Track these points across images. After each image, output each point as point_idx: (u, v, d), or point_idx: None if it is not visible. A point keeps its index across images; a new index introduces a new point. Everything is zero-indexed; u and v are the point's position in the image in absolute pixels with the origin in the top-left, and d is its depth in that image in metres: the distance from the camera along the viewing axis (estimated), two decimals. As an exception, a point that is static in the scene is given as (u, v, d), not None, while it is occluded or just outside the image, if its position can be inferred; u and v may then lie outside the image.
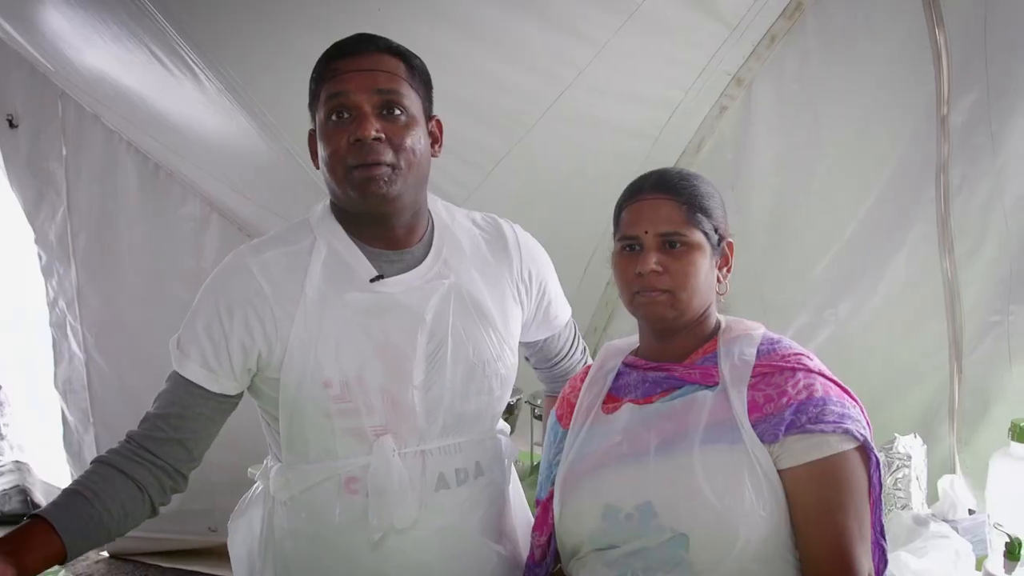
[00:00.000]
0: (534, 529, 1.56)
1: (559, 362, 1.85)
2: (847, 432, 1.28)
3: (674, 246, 1.38)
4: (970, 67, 2.27)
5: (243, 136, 2.88)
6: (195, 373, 1.46)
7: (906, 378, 2.45)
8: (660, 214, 1.39)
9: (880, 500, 1.33)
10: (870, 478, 1.30)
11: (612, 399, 1.49)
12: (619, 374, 1.51)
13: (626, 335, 1.60)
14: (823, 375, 1.35)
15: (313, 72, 1.50)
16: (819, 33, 2.58)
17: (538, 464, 2.90)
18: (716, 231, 1.42)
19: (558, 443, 1.55)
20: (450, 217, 1.63)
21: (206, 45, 2.54)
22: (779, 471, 1.30)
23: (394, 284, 1.49)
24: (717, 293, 1.46)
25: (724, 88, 2.74)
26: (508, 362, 1.60)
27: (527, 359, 1.86)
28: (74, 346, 4.19)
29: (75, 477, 1.43)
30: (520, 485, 1.80)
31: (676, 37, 2.59)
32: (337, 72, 1.44)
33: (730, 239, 1.46)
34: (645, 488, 1.34)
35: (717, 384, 1.37)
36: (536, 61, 2.56)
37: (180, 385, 1.48)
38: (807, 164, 2.64)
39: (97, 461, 1.47)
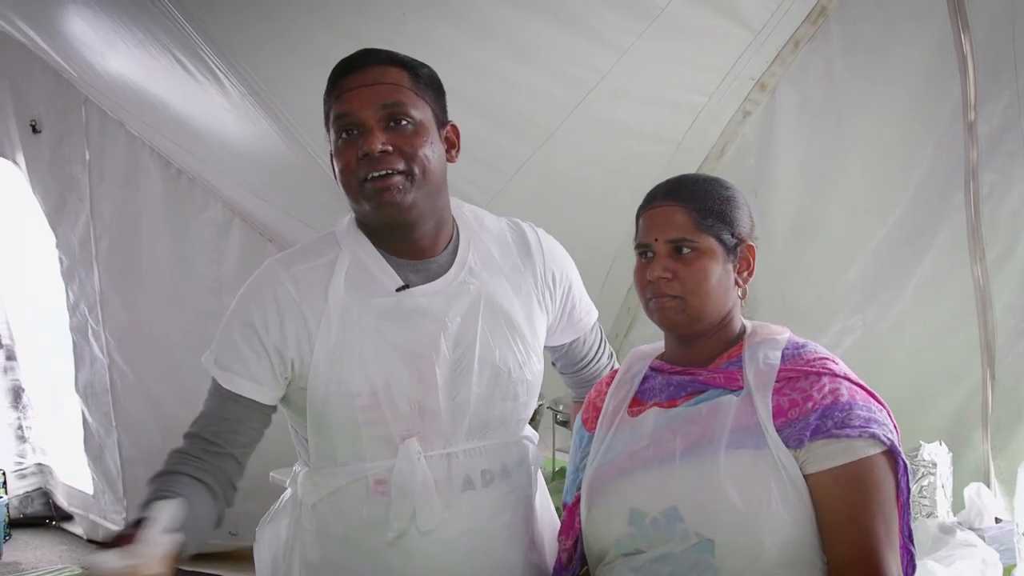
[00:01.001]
0: (560, 533, 1.57)
1: (586, 366, 1.85)
2: (873, 436, 1.28)
3: (684, 252, 1.40)
4: (999, 73, 2.26)
5: (265, 141, 2.90)
6: (245, 387, 1.48)
7: (935, 385, 2.44)
8: (670, 221, 1.41)
9: (908, 504, 1.32)
10: (898, 483, 1.30)
11: (638, 403, 1.50)
12: (645, 378, 1.52)
13: (648, 341, 1.60)
14: (848, 379, 1.35)
15: (325, 92, 1.52)
16: (843, 38, 2.58)
17: (561, 470, 2.90)
18: (733, 235, 1.42)
19: (584, 447, 1.56)
20: (478, 223, 1.63)
21: (229, 50, 2.58)
22: (805, 476, 1.30)
23: (418, 294, 1.51)
24: (739, 297, 1.46)
25: (747, 93, 2.74)
26: (534, 368, 1.61)
27: (553, 364, 1.87)
28: (96, 350, 4.23)
29: (150, 483, 1.41)
30: (548, 494, 1.80)
31: (699, 42, 2.59)
32: (342, 91, 1.47)
33: (751, 242, 1.46)
34: (671, 493, 1.35)
35: (741, 388, 1.38)
36: (558, 65, 2.58)
37: (228, 399, 1.48)
38: (831, 169, 2.64)
39: (175, 473, 1.42)
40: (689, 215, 1.40)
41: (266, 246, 3.81)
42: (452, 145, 1.56)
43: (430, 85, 1.52)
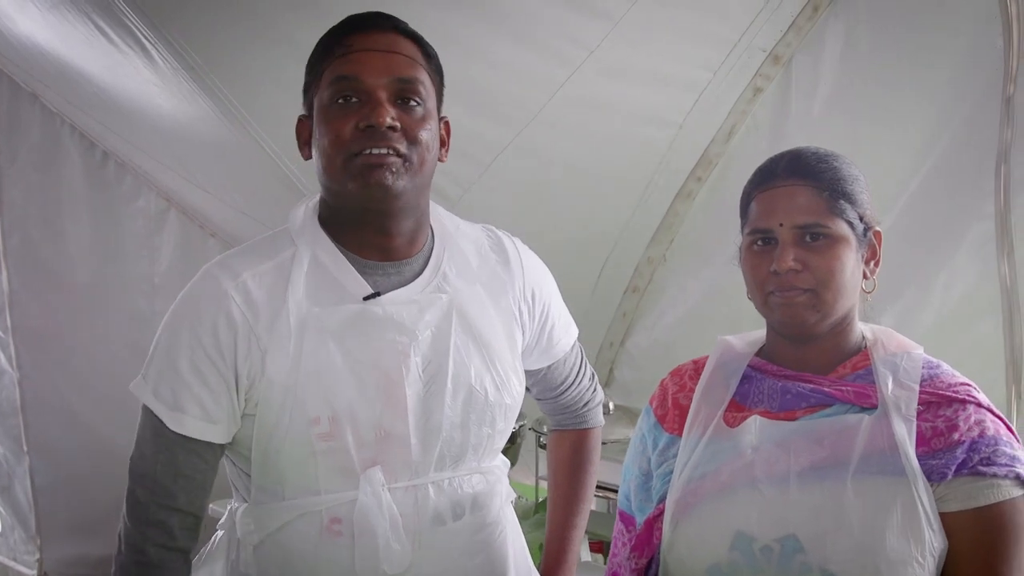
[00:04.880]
0: (633, 549, 1.59)
1: (566, 391, 1.91)
2: (1019, 478, 1.35)
3: (815, 239, 1.42)
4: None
5: (203, 123, 2.92)
6: (199, 429, 1.47)
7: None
8: (797, 203, 1.42)
9: None
10: None
11: (736, 408, 1.54)
12: (744, 378, 1.56)
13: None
14: (992, 411, 1.42)
15: (317, 47, 1.53)
16: (868, 1, 2.61)
17: (543, 501, 2.93)
18: (862, 219, 1.46)
19: (662, 451, 1.59)
20: (454, 226, 1.68)
21: (159, 17, 2.56)
22: (940, 514, 1.36)
23: (388, 301, 1.53)
24: (863, 291, 1.50)
25: (758, 67, 2.79)
26: (514, 391, 1.65)
27: (528, 390, 1.90)
28: (3, 361, 4.20)
29: None
30: (521, 532, 1.83)
31: (703, 8, 2.63)
32: (349, 49, 1.46)
33: (878, 228, 1.50)
34: (788, 518, 1.39)
35: (875, 407, 1.42)
36: (540, 38, 2.60)
37: (181, 447, 1.47)
38: (854, 152, 2.65)
39: None
40: (820, 196, 1.42)
41: (207, 241, 3.82)
42: (443, 143, 1.59)
43: (438, 71, 1.56)
